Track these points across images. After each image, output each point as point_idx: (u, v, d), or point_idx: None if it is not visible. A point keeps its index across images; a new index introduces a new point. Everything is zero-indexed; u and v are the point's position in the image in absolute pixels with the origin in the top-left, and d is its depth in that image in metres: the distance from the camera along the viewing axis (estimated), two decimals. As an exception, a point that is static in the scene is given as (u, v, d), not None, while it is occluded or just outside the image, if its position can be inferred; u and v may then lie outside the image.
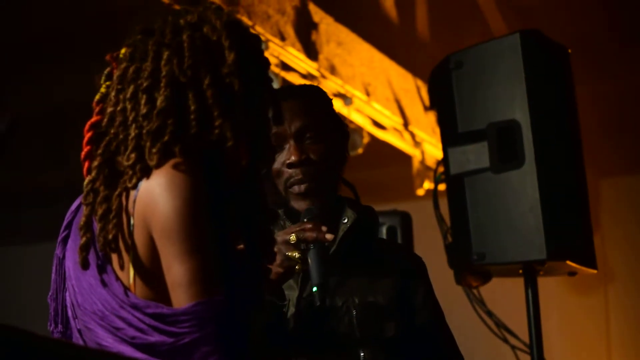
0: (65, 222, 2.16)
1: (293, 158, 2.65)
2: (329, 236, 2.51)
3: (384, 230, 4.38)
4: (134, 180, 1.99)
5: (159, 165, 1.97)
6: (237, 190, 2.09)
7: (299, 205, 2.66)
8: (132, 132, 2.01)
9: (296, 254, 2.51)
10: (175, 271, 1.92)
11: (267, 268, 2.20)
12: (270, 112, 2.16)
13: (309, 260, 2.51)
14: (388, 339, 2.63)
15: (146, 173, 1.98)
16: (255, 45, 2.15)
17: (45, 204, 6.31)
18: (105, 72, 2.13)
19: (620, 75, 6.47)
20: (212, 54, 2.06)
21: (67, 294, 2.10)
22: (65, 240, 2.14)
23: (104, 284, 2.00)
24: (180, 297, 1.92)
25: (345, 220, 2.68)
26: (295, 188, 2.66)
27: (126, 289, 1.99)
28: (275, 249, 2.47)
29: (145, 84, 2.03)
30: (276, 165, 2.68)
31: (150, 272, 1.97)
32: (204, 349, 1.89)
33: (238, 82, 2.05)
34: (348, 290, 2.63)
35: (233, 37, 2.08)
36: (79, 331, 2.06)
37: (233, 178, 2.08)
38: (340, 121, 2.81)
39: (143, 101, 2.02)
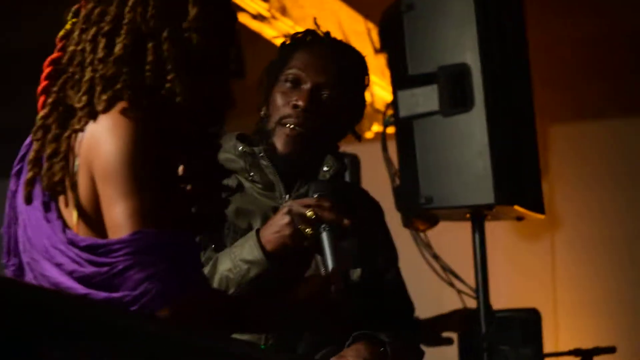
0: (19, 156, 2.15)
1: (301, 103, 2.68)
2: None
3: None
4: (82, 123, 1.99)
5: (106, 110, 1.98)
6: (188, 146, 2.09)
7: (281, 143, 2.68)
8: (87, 75, 2.01)
9: (309, 230, 2.49)
10: (114, 211, 1.92)
11: (216, 225, 2.18)
12: (233, 66, 2.14)
13: (323, 241, 2.48)
14: (352, 282, 2.65)
15: (94, 116, 1.98)
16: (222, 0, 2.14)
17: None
18: (73, 9, 2.12)
19: (572, 22, 6.46)
20: (175, 6, 2.05)
21: (19, 228, 2.10)
22: (18, 174, 2.14)
23: (47, 220, 2.01)
24: (117, 235, 1.92)
25: (326, 169, 2.71)
26: (287, 128, 2.67)
27: (65, 226, 1.99)
28: (287, 219, 2.49)
29: (106, 28, 2.03)
30: (279, 99, 2.71)
31: (92, 215, 1.98)
32: (137, 275, 1.88)
33: (197, 37, 2.04)
34: None
35: None
36: (28, 264, 2.06)
37: (185, 134, 2.07)
38: (361, 103, 2.82)
39: (102, 45, 2.02)
